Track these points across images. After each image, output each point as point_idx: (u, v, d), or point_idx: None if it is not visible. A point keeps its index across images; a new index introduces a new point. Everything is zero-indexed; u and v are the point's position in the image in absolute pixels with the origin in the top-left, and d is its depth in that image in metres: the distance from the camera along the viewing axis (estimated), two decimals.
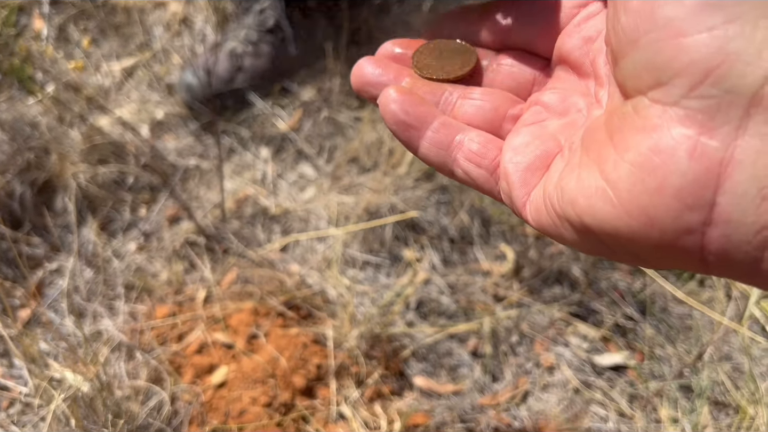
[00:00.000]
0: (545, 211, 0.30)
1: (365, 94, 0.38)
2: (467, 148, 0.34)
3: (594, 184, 0.26)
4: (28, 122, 1.23)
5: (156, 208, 1.21)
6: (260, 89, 1.34)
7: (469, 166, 0.34)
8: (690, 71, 0.24)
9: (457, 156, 0.34)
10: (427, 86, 0.37)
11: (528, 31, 0.37)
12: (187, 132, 1.33)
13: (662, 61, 0.25)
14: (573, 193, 0.28)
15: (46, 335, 1.05)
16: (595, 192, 0.26)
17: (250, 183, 1.23)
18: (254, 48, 1.35)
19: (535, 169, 0.32)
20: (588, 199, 0.26)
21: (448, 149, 0.35)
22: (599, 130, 0.28)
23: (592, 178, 0.27)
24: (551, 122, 0.34)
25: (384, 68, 0.38)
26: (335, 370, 0.97)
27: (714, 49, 0.23)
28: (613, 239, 0.26)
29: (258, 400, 0.91)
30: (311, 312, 1.04)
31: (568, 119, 0.33)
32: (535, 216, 0.31)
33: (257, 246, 1.14)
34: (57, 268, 1.14)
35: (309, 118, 1.32)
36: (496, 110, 0.36)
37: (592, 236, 0.27)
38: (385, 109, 0.35)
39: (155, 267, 1.13)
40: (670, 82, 0.24)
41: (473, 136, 0.35)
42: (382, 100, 0.36)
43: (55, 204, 1.19)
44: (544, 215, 0.30)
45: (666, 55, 0.24)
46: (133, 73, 1.45)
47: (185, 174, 1.26)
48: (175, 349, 0.99)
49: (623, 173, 0.25)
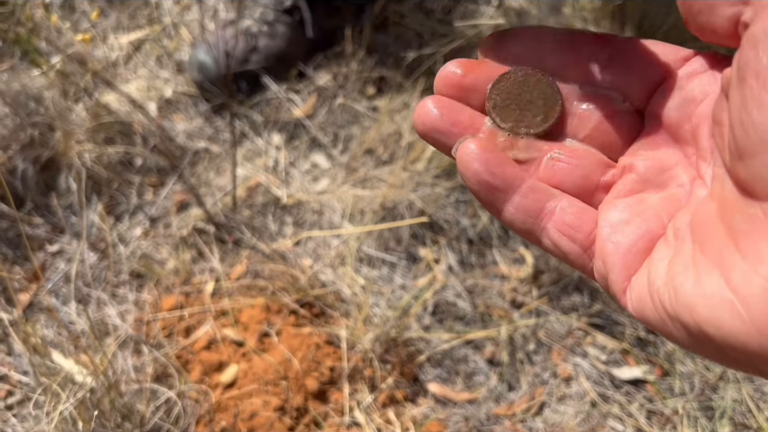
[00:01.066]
0: (652, 306, 0.27)
1: (432, 141, 0.33)
2: (560, 218, 0.31)
3: (719, 294, 0.24)
4: (32, 96, 1.18)
5: (163, 192, 1.16)
6: (274, 72, 1.29)
7: (560, 238, 0.31)
8: None
9: (547, 225, 0.31)
10: (507, 140, 0.33)
11: (621, 75, 0.32)
12: (197, 113, 1.28)
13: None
14: (691, 298, 0.25)
15: (47, 322, 1.01)
16: (721, 303, 0.24)
17: (262, 170, 1.19)
18: (270, 28, 1.29)
19: (637, 252, 0.29)
20: (711, 310, 0.24)
21: (537, 217, 0.31)
22: (714, 225, 0.26)
23: (716, 286, 0.24)
24: (650, 196, 0.31)
25: (455, 114, 0.33)
26: (348, 374, 0.94)
27: None
28: (738, 352, 0.24)
29: (270, 404, 0.88)
30: (324, 310, 1.01)
31: (668, 193, 0.30)
32: (637, 306, 0.28)
33: (268, 237, 1.11)
34: (59, 250, 1.10)
35: (324, 105, 1.28)
36: (588, 177, 0.32)
37: (711, 343, 0.25)
38: (465, 166, 0.31)
39: (162, 254, 1.09)
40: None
41: (566, 204, 0.31)
42: (462, 156, 0.32)
43: (59, 183, 1.15)
44: (650, 309, 0.27)
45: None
46: (140, 48, 1.39)
47: (194, 157, 1.21)
48: (183, 344, 0.96)
49: (757, 289, 0.23)
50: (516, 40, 0.34)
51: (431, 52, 1.26)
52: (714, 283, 0.24)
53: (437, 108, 0.33)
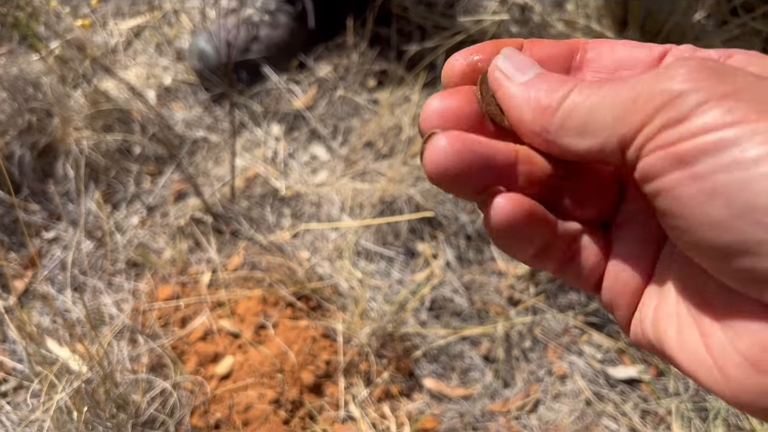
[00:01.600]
0: (645, 342, 0.29)
1: (449, 188, 0.30)
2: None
3: (698, 354, 0.26)
4: (30, 81, 1.17)
5: (161, 181, 1.16)
6: (275, 62, 1.28)
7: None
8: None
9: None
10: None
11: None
12: (196, 101, 1.27)
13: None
14: (673, 346, 0.27)
15: (43, 309, 1.01)
16: (700, 363, 0.26)
17: (261, 161, 1.18)
18: (272, 18, 1.28)
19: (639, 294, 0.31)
20: (691, 364, 0.26)
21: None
22: (693, 285, 0.27)
23: (695, 344, 0.26)
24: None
25: (483, 158, 0.29)
26: (344, 367, 0.93)
27: None
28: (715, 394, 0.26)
29: (265, 396, 0.88)
30: (321, 303, 1.00)
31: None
32: (634, 339, 0.30)
33: (266, 229, 1.10)
34: (55, 237, 1.09)
35: (324, 97, 1.27)
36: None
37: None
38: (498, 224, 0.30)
39: (158, 243, 1.09)
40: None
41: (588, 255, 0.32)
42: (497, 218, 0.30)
43: (56, 170, 1.14)
44: (645, 344, 0.29)
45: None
46: (140, 34, 1.38)
47: (193, 147, 1.21)
48: (179, 335, 0.95)
49: (734, 362, 0.24)
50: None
51: (433, 46, 1.26)
52: (694, 341, 0.26)
53: (456, 154, 0.29)
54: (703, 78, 0.24)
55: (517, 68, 0.30)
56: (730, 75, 0.24)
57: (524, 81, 0.30)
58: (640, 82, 0.26)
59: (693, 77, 0.24)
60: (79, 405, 0.72)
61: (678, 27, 1.22)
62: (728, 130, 0.23)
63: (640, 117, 0.25)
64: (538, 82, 0.29)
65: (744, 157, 0.22)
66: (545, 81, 0.29)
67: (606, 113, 0.26)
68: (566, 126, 0.27)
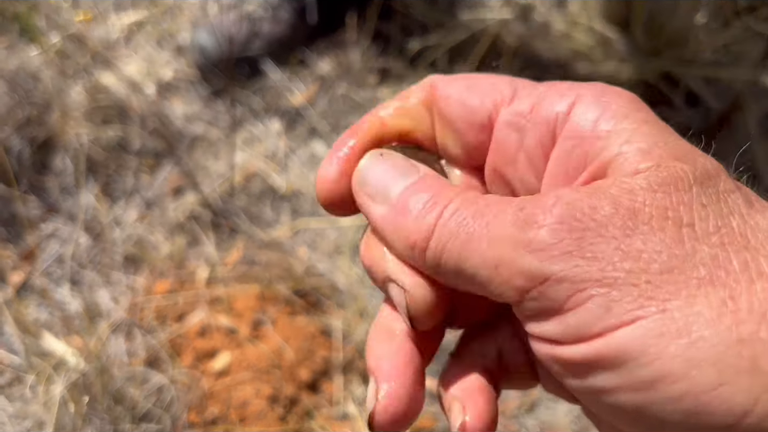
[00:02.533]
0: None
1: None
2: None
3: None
4: (29, 74, 1.16)
5: (160, 176, 1.15)
6: (276, 57, 1.28)
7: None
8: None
9: None
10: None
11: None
12: (196, 96, 1.27)
13: None
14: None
15: (39, 303, 1.00)
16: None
17: (261, 157, 1.18)
18: (273, 13, 1.28)
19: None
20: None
21: None
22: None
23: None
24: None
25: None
26: (342, 365, 0.93)
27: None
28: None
29: (262, 392, 0.87)
30: (319, 300, 1.00)
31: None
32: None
33: (265, 225, 1.10)
34: (53, 231, 1.09)
35: (325, 94, 1.27)
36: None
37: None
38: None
39: (156, 238, 1.08)
40: None
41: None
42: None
43: (54, 163, 1.13)
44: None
45: None
46: (141, 28, 1.37)
47: (192, 142, 1.20)
48: (176, 330, 0.95)
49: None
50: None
51: (436, 44, 1.25)
52: None
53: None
54: (566, 253, 0.21)
55: (381, 184, 0.27)
56: (597, 241, 0.21)
57: (389, 204, 0.26)
58: (498, 243, 0.23)
59: (554, 252, 0.21)
60: (76, 398, 0.71)
61: (680, 29, 1.22)
62: (613, 335, 0.21)
63: (510, 291, 0.22)
64: (403, 205, 0.26)
65: (649, 373, 0.20)
66: (412, 201, 0.26)
67: (475, 269, 0.23)
68: (440, 268, 0.25)
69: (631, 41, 1.27)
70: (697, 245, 0.21)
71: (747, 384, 0.20)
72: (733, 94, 1.20)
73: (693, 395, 0.20)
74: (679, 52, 1.22)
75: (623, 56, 1.26)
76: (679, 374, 0.20)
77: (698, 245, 0.21)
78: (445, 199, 0.25)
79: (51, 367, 0.76)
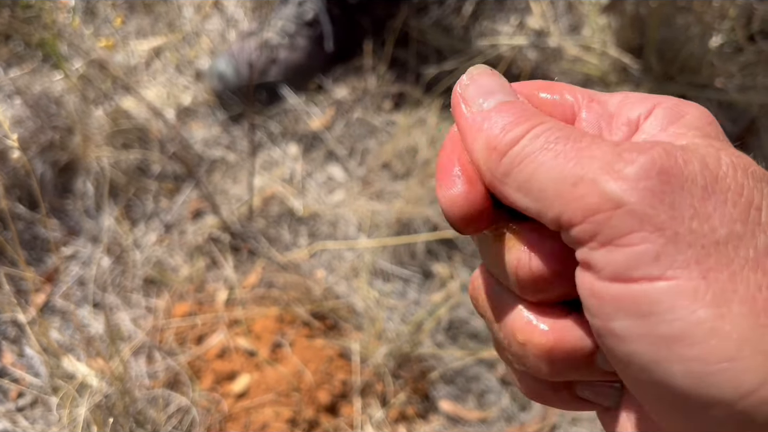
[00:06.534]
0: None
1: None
2: None
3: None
4: (53, 99, 1.19)
5: (179, 200, 1.17)
6: (293, 83, 1.30)
7: None
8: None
9: None
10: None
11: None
12: (215, 121, 1.28)
13: None
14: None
15: (61, 324, 1.01)
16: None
17: (278, 181, 1.19)
18: (290, 41, 1.30)
19: None
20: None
21: None
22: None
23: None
24: None
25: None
26: (360, 388, 0.93)
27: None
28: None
29: (281, 415, 0.87)
30: (337, 323, 1.00)
31: None
32: None
33: (283, 248, 1.11)
34: (74, 253, 1.10)
35: (342, 118, 1.28)
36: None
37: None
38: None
39: (176, 261, 1.09)
40: None
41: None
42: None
43: (76, 186, 1.15)
44: None
45: None
46: (160, 54, 1.40)
47: (211, 166, 1.22)
48: (195, 352, 0.96)
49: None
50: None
51: (451, 69, 1.27)
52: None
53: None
54: (648, 190, 0.22)
55: (479, 92, 0.28)
56: (677, 190, 0.22)
57: (481, 110, 0.27)
58: (587, 162, 0.24)
59: (638, 186, 0.22)
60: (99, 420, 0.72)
61: (694, 54, 1.23)
62: (650, 285, 0.22)
63: (576, 210, 0.23)
64: (495, 115, 0.27)
65: (669, 330, 0.21)
66: (502, 114, 0.27)
67: (548, 182, 0.24)
68: (510, 177, 0.25)
69: (644, 66, 1.28)
70: (757, 230, 0.22)
71: (760, 365, 0.20)
72: (748, 118, 1.20)
73: (705, 362, 0.21)
74: (692, 76, 1.23)
75: (637, 81, 1.28)
76: (698, 339, 0.21)
77: (758, 230, 0.22)
78: (539, 119, 0.26)
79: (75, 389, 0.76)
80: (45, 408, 0.90)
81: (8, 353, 0.98)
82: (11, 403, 0.93)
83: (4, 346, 0.98)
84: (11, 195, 1.10)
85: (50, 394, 0.86)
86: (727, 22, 1.26)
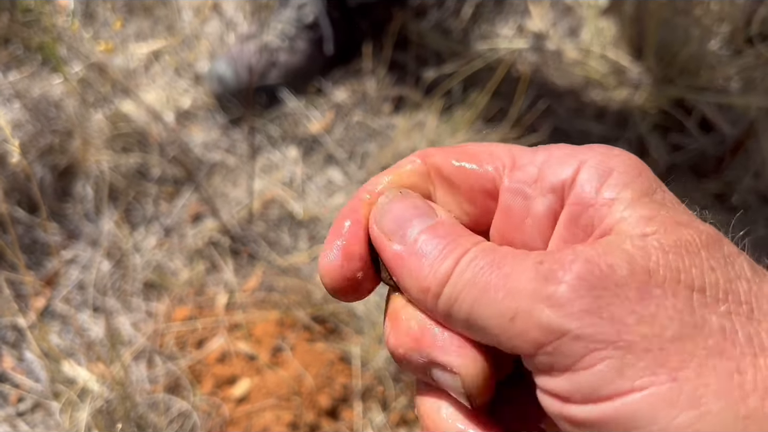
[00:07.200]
0: None
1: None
2: None
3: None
4: (52, 102, 1.19)
5: (179, 203, 1.17)
6: (293, 87, 1.30)
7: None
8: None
9: None
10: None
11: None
12: (215, 125, 1.28)
13: None
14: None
15: (61, 329, 1.01)
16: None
17: (278, 184, 1.19)
18: (290, 44, 1.30)
19: None
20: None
21: None
22: None
23: None
24: None
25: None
26: (361, 392, 0.93)
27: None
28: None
29: (282, 419, 0.87)
30: (338, 327, 1.00)
31: None
32: None
33: (283, 251, 1.11)
34: (74, 257, 1.10)
35: (341, 121, 1.28)
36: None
37: None
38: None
39: (175, 265, 1.09)
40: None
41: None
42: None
43: (76, 190, 1.15)
44: None
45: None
46: (159, 57, 1.40)
47: (211, 169, 1.22)
48: (195, 356, 0.96)
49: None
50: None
51: (450, 72, 1.27)
52: None
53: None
54: (584, 311, 0.22)
55: (396, 223, 0.27)
56: (613, 301, 0.22)
57: (405, 245, 0.26)
58: (516, 294, 0.23)
59: (573, 310, 0.22)
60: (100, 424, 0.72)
61: (693, 57, 1.23)
62: (624, 400, 0.21)
63: (523, 344, 0.23)
64: (418, 249, 0.26)
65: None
66: (427, 245, 0.26)
67: (488, 320, 0.23)
68: (451, 317, 0.25)
69: (644, 69, 1.28)
70: (706, 314, 0.22)
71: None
72: (747, 121, 1.20)
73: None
74: (692, 79, 1.23)
75: (636, 83, 1.28)
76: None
77: (708, 314, 0.22)
78: (462, 247, 0.25)
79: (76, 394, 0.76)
80: (46, 413, 0.89)
81: (8, 358, 0.97)
82: (11, 407, 0.93)
83: (4, 351, 0.98)
84: (11, 199, 1.10)
85: (51, 398, 0.86)
86: (726, 25, 1.27)
